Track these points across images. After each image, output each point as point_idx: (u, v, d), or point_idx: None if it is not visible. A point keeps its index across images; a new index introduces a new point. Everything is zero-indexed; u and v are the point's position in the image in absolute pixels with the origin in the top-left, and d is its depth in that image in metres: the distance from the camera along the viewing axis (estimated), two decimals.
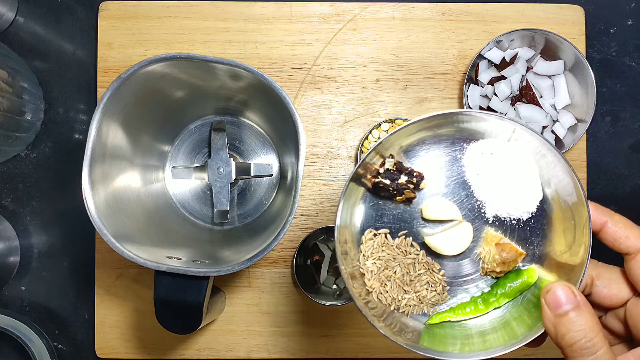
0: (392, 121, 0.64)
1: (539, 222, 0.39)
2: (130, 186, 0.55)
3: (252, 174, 0.61)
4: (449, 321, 0.39)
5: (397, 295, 0.39)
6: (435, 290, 0.39)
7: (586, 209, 0.35)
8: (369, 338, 0.65)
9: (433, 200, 0.39)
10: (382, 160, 0.39)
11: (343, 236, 0.38)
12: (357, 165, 0.37)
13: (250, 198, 0.64)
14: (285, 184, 0.61)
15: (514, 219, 0.39)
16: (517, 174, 0.38)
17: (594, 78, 0.60)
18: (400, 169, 0.39)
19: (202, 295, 0.49)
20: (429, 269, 0.39)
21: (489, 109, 0.64)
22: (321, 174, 0.66)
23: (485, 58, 0.64)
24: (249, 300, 0.66)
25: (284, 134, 0.58)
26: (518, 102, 0.64)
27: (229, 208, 0.60)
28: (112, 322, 0.65)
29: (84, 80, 0.67)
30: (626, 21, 0.69)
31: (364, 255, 0.39)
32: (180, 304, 0.49)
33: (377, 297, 0.39)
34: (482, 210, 0.40)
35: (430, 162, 0.40)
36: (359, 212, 0.40)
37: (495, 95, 0.63)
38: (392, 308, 0.39)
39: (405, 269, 0.39)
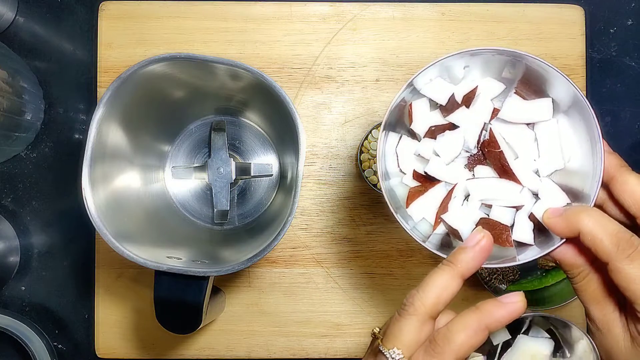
0: None
1: None
2: (130, 186, 0.55)
3: (252, 174, 0.61)
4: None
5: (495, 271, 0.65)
6: (513, 274, 0.67)
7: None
8: (368, 338, 0.66)
9: None
10: None
11: None
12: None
13: (250, 198, 0.64)
14: (285, 184, 0.61)
15: None
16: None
17: (598, 126, 0.36)
18: None
19: (202, 295, 0.49)
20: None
21: (427, 176, 0.40)
22: (321, 174, 0.66)
23: (423, 95, 0.40)
24: (249, 300, 0.66)
25: (284, 134, 0.58)
26: (478, 165, 0.40)
27: (229, 208, 0.60)
28: (112, 322, 0.65)
29: (84, 80, 0.67)
30: (626, 21, 0.69)
31: None
32: (180, 304, 0.49)
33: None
34: None
35: None
36: None
37: (437, 155, 0.40)
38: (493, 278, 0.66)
39: None
